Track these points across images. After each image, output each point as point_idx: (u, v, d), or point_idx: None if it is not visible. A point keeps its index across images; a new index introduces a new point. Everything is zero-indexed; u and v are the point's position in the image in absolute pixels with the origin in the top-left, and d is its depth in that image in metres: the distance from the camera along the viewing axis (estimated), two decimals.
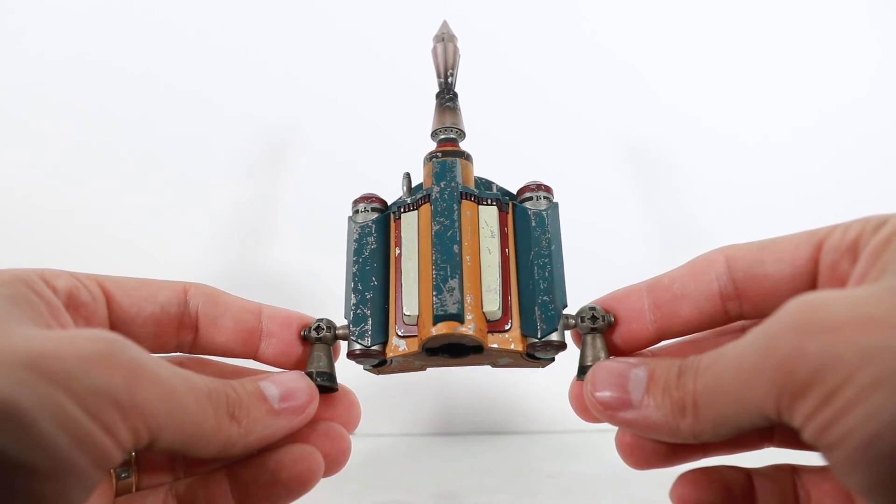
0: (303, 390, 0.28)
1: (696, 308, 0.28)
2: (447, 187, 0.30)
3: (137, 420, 0.21)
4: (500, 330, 0.29)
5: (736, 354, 0.22)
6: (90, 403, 0.19)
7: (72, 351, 0.20)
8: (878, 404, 0.18)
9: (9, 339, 0.20)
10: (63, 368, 0.19)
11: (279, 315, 0.30)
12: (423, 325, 0.29)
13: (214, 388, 0.24)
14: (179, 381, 0.23)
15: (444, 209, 0.29)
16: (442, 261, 0.29)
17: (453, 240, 0.29)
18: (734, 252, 0.27)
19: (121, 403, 0.20)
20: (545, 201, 0.31)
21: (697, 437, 0.23)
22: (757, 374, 0.20)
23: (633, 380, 0.25)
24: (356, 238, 0.31)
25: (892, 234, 0.23)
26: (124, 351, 0.21)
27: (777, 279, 0.26)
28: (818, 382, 0.19)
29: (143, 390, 0.21)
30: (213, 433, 0.24)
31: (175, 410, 0.22)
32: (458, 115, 0.33)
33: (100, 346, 0.21)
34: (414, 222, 0.30)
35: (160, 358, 0.23)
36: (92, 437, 0.19)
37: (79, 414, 0.19)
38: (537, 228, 0.30)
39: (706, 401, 0.23)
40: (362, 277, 0.30)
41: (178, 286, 0.29)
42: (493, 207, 0.31)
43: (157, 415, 0.21)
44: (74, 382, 0.19)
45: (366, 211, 0.32)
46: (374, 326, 0.30)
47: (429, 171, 0.31)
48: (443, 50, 0.34)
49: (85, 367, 0.20)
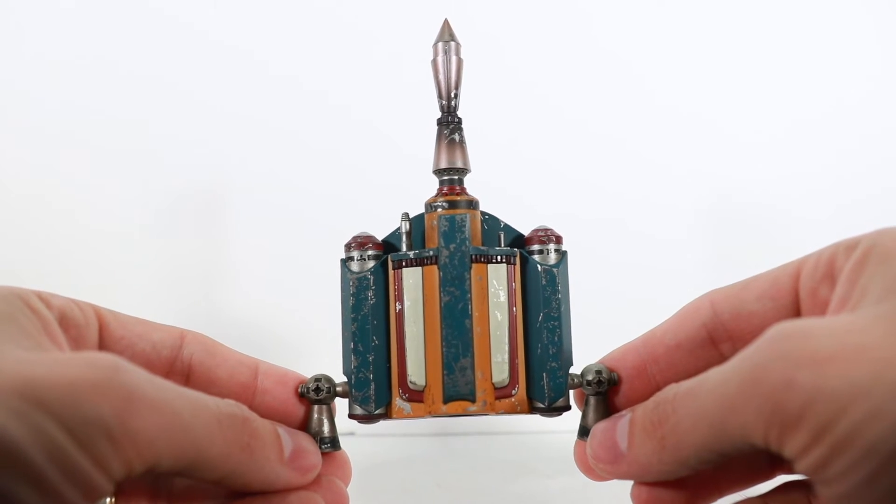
0: (311, 453, 0.28)
1: (692, 356, 0.28)
2: (457, 252, 0.28)
3: (130, 451, 0.20)
4: (507, 395, 0.29)
5: (718, 381, 0.21)
6: (81, 435, 0.19)
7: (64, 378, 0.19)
8: (874, 440, 0.18)
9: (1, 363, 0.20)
10: (54, 398, 0.19)
11: (275, 372, 0.29)
12: (433, 399, 0.29)
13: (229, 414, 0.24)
14: (183, 404, 0.22)
15: (455, 278, 0.28)
16: (453, 337, 0.28)
17: (464, 313, 0.28)
18: (717, 296, 0.27)
19: (112, 434, 0.19)
20: (555, 255, 0.29)
21: (683, 465, 0.23)
22: (743, 401, 0.20)
23: (620, 429, 0.25)
24: (353, 293, 0.29)
25: (865, 255, 0.23)
26: (119, 377, 0.20)
27: (762, 315, 0.26)
28: (810, 415, 0.19)
29: (137, 419, 0.20)
30: (221, 459, 0.23)
31: (176, 436, 0.21)
32: (466, 150, 0.29)
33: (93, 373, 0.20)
34: (418, 281, 0.29)
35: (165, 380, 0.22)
36: (82, 471, 0.19)
37: (70, 446, 0.18)
38: (547, 287, 0.29)
39: (686, 427, 0.23)
40: (362, 337, 0.29)
41: (174, 331, 0.28)
42: (502, 265, 0.29)
43: (153, 443, 0.20)
44: (66, 412, 0.19)
45: (362, 259, 0.29)
46: (376, 391, 0.29)
47: (433, 225, 0.29)
48: (445, 64, 0.29)
49: (76, 397, 0.19)
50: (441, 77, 0.29)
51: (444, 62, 0.29)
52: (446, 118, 0.30)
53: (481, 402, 0.29)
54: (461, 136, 0.29)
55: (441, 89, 0.29)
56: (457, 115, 0.30)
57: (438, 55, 0.29)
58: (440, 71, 0.29)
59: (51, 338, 0.23)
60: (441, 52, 0.29)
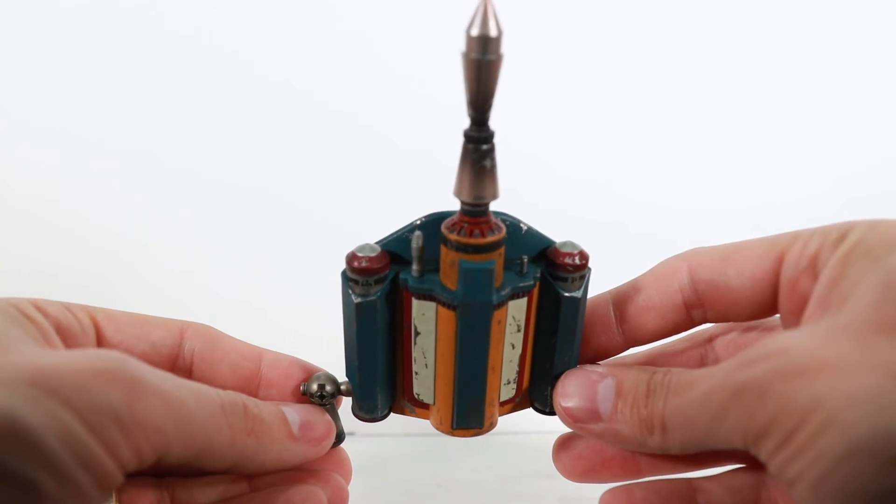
0: (321, 423, 0.28)
1: (662, 318, 0.28)
2: (480, 308, 0.25)
3: (140, 437, 0.20)
4: (511, 402, 0.29)
5: (705, 391, 0.23)
6: (92, 420, 0.19)
7: (73, 367, 0.20)
8: (823, 447, 0.19)
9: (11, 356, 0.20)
10: (65, 384, 0.19)
11: (280, 364, 0.29)
12: (440, 420, 0.29)
13: (231, 401, 0.24)
14: (187, 394, 0.22)
15: (475, 331, 0.25)
16: (467, 382, 0.26)
17: (482, 361, 0.26)
18: (697, 261, 0.28)
19: (122, 420, 0.19)
20: (579, 282, 0.27)
21: (665, 451, 0.25)
22: (725, 413, 0.22)
23: (602, 392, 0.26)
24: (359, 317, 0.26)
25: (850, 252, 0.23)
26: (125, 367, 0.21)
27: (738, 291, 0.27)
28: (777, 426, 0.20)
29: (145, 406, 0.20)
30: (228, 446, 0.23)
31: (183, 424, 0.21)
32: (496, 178, 0.23)
33: (101, 363, 0.20)
34: (431, 316, 0.26)
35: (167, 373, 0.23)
36: (95, 457, 0.19)
37: (82, 432, 0.19)
38: (568, 315, 0.27)
39: (675, 425, 0.24)
40: (369, 358, 0.27)
41: (174, 325, 0.28)
42: (523, 300, 0.26)
43: (162, 430, 0.21)
44: (76, 399, 0.19)
45: (367, 285, 0.26)
46: (381, 400, 0.29)
47: (451, 264, 0.25)
48: (476, 70, 0.21)
49: (85, 384, 0.19)
50: (474, 82, 0.21)
51: (476, 68, 0.21)
52: (477, 134, 0.22)
53: (488, 424, 0.29)
54: (493, 162, 0.23)
55: (472, 95, 0.22)
56: (489, 130, 0.23)
57: (473, 56, 0.21)
58: (473, 75, 0.21)
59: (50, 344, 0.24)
60: (478, 51, 0.21)
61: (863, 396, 0.19)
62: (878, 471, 0.18)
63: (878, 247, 0.22)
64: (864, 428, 0.18)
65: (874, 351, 0.20)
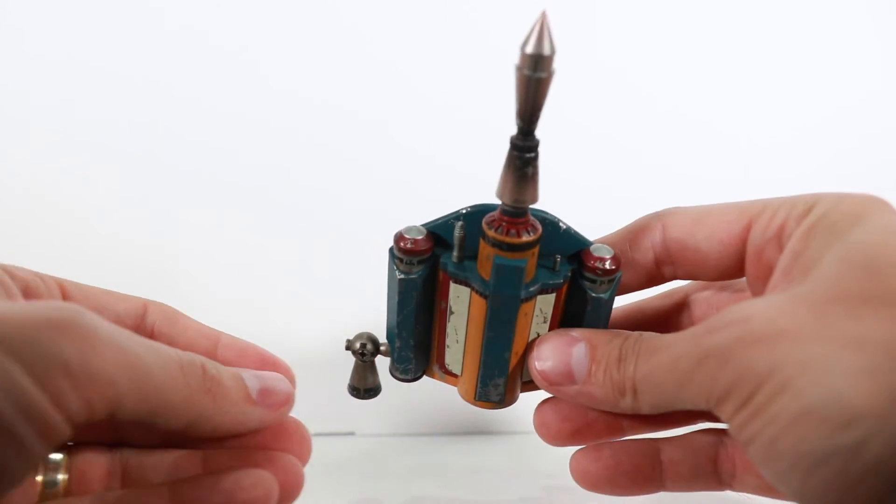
0: (281, 391, 0.28)
1: (634, 273, 0.30)
2: (508, 301, 0.27)
3: (90, 389, 0.19)
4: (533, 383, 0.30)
5: (672, 357, 0.24)
6: (39, 371, 0.18)
7: (23, 317, 0.19)
8: (778, 409, 0.21)
9: None
10: (12, 334, 0.18)
11: (236, 345, 0.30)
12: (466, 390, 0.31)
13: (189, 361, 0.24)
14: (144, 350, 0.22)
15: (502, 321, 0.27)
16: (490, 365, 0.29)
17: (506, 347, 0.28)
18: (671, 221, 0.29)
19: (72, 371, 0.19)
20: (608, 284, 0.28)
21: (636, 412, 0.26)
22: (690, 378, 0.23)
23: (576, 356, 0.27)
24: (401, 291, 0.29)
25: (813, 226, 0.25)
26: (78, 318, 0.20)
27: (707, 253, 0.29)
28: (736, 389, 0.22)
29: (99, 358, 0.20)
30: (184, 404, 0.23)
31: (139, 378, 0.21)
32: (537, 183, 0.25)
33: (52, 313, 0.20)
34: (465, 299, 0.29)
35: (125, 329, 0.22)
36: (38, 408, 0.18)
37: (26, 382, 0.18)
38: (592, 314, 0.29)
39: (645, 389, 0.25)
40: (407, 327, 0.30)
41: (138, 301, 0.29)
42: (551, 295, 0.28)
43: (115, 383, 0.20)
44: (24, 349, 0.18)
45: (410, 264, 0.28)
46: (416, 364, 0.32)
47: (489, 258, 0.27)
48: (527, 85, 0.22)
49: (36, 334, 0.19)
50: (524, 96, 0.22)
51: (526, 84, 0.22)
52: (522, 143, 0.24)
53: (509, 399, 0.31)
54: (535, 169, 0.24)
55: (522, 107, 0.23)
56: (534, 139, 0.24)
57: (528, 72, 0.22)
58: (525, 90, 0.22)
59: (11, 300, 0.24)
60: (530, 63, 0.21)
61: (816, 364, 0.20)
62: (827, 433, 0.20)
63: (841, 222, 0.24)
64: (816, 393, 0.20)
65: (830, 322, 0.21)
